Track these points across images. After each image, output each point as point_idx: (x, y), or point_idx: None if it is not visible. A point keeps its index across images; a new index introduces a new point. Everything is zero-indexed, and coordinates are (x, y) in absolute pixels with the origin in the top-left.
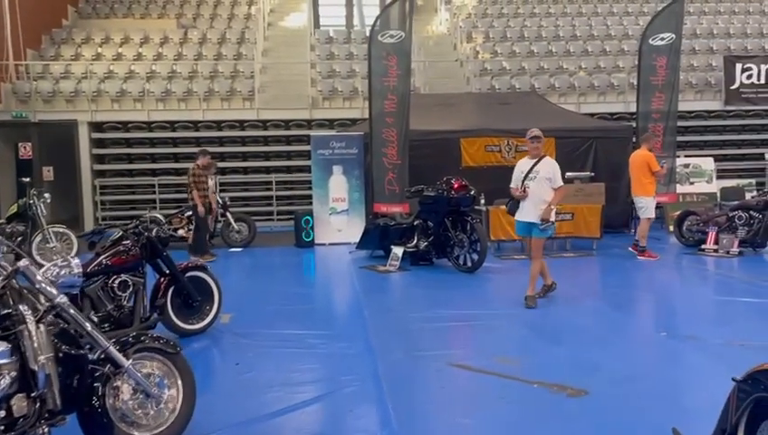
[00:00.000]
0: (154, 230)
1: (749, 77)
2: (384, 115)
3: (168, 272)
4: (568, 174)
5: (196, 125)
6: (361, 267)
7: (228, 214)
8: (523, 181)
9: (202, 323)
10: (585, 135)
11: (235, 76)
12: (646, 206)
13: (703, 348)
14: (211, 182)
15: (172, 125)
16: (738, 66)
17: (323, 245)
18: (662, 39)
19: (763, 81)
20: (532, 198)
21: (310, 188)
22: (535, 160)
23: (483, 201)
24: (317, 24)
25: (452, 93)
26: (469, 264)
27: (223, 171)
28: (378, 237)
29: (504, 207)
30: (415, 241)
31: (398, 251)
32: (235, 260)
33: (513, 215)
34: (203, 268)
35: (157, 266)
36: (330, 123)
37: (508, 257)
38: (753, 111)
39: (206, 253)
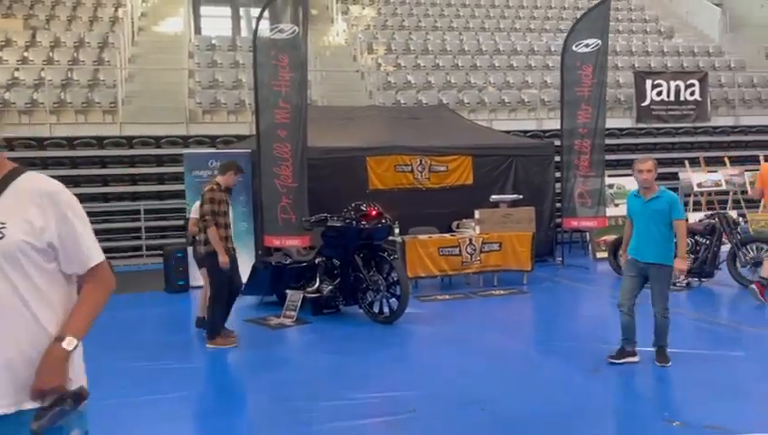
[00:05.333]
0: None
1: (659, 94)
2: (275, 127)
3: None
4: (492, 197)
5: (41, 143)
6: (247, 320)
7: None
8: None
9: None
10: (504, 153)
11: (93, 85)
12: None
13: None
14: (231, 213)
15: (10, 143)
16: (648, 82)
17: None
18: (587, 45)
19: (672, 98)
20: None
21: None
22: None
23: (397, 231)
24: (198, 31)
25: (355, 106)
26: (387, 312)
27: (79, 198)
28: (269, 280)
29: (423, 236)
30: (317, 284)
31: (295, 297)
32: None
33: None
34: None
35: None
36: (211, 140)
37: (430, 298)
38: (664, 128)
39: (225, 335)
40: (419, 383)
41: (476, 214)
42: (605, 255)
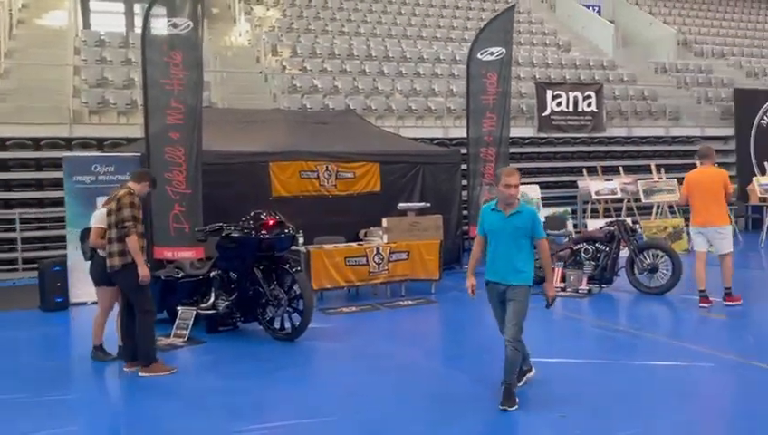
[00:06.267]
0: None
1: (559, 104)
2: (167, 129)
3: None
4: (400, 205)
5: None
6: None
7: None
8: None
9: None
10: (412, 160)
11: None
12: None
13: None
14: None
15: None
16: (549, 93)
17: (83, 304)
18: (491, 53)
19: (571, 108)
20: None
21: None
22: None
23: (301, 240)
24: (87, 26)
25: (258, 109)
26: (289, 328)
27: None
28: (158, 295)
29: (329, 246)
30: (212, 299)
31: (186, 315)
32: None
33: None
34: None
35: None
36: (98, 143)
37: (335, 311)
38: (564, 138)
39: (158, 362)
40: (322, 409)
41: (384, 222)
42: None
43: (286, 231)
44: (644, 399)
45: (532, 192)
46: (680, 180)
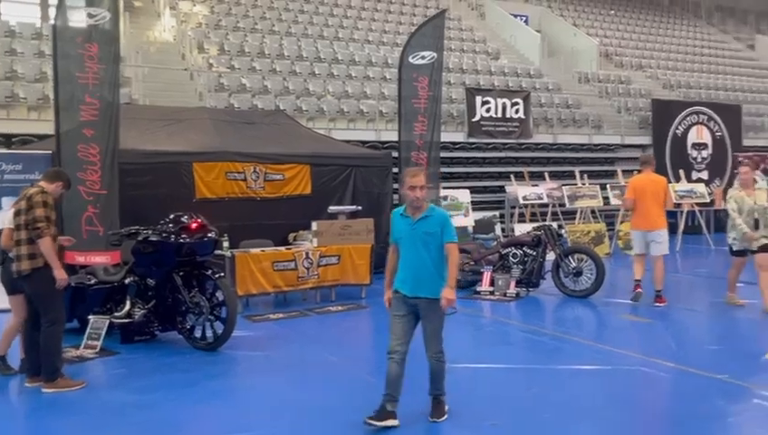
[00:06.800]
0: None
1: (488, 110)
2: (81, 126)
3: None
4: (331, 208)
5: None
6: None
7: None
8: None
9: None
10: (344, 163)
11: None
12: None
13: None
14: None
15: None
16: (478, 99)
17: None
18: (423, 57)
19: (500, 114)
20: None
21: None
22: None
23: (226, 244)
24: None
25: (182, 108)
26: (210, 337)
27: None
28: (68, 303)
29: (256, 250)
30: (127, 307)
31: (98, 324)
32: None
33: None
34: None
35: None
36: (6, 139)
37: (262, 318)
38: (492, 143)
39: (64, 376)
40: (245, 425)
41: (314, 225)
42: None
43: (209, 235)
44: (572, 404)
45: (463, 197)
46: (602, 186)
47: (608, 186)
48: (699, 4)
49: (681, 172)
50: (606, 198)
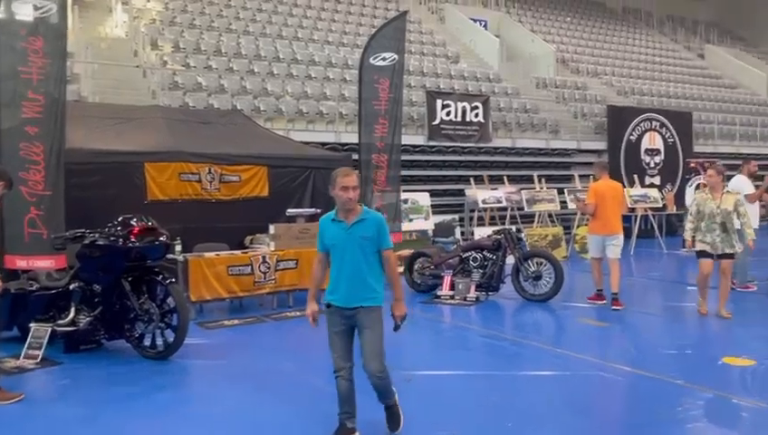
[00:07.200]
0: None
1: (448, 114)
2: (23, 123)
3: None
4: (289, 211)
5: None
6: None
7: None
8: None
9: None
10: (303, 165)
11: None
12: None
13: None
14: None
15: None
16: (438, 102)
17: None
18: (384, 59)
19: (459, 118)
20: None
21: None
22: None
23: (179, 248)
24: None
25: (134, 106)
26: (161, 346)
27: None
28: (8, 310)
29: (210, 254)
30: (71, 315)
31: (40, 332)
32: None
33: None
34: None
35: None
36: None
37: (216, 325)
38: (452, 147)
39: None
40: None
41: (271, 229)
42: (401, 269)
43: (160, 238)
44: (531, 411)
45: (422, 200)
46: (560, 190)
47: (565, 190)
48: (651, 14)
49: (635, 177)
50: (563, 202)
